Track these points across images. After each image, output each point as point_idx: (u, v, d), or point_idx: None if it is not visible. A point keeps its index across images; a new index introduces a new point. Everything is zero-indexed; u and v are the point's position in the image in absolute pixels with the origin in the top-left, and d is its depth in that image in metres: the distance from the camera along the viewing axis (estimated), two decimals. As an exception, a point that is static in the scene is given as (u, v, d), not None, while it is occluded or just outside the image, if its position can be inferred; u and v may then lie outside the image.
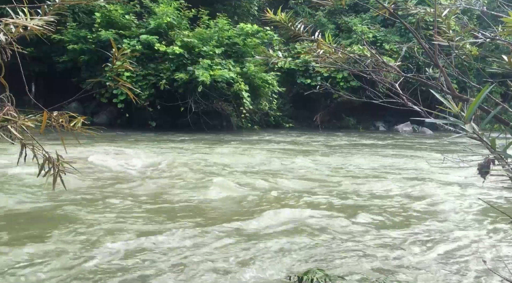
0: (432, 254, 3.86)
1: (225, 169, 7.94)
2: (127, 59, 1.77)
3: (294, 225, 4.54)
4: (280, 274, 3.30)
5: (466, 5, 2.21)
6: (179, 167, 7.77)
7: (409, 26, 2.13)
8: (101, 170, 7.24)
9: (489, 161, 1.73)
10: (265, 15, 2.33)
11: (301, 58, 17.80)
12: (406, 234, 4.40)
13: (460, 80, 2.76)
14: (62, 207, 4.85)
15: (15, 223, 4.33)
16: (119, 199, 5.32)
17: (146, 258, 3.48)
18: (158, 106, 15.63)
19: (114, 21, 15.99)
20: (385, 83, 2.48)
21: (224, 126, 17.30)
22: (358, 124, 22.10)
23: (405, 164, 9.35)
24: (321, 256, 3.71)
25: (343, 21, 22.88)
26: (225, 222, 4.54)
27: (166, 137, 13.61)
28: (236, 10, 20.97)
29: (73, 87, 15.49)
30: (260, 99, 17.61)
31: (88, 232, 4.05)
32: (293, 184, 6.76)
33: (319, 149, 12.29)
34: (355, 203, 5.68)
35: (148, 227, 4.32)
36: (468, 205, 5.72)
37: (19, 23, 1.50)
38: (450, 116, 1.31)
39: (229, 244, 3.87)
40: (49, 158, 1.68)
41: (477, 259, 3.70)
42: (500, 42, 1.91)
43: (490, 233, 4.54)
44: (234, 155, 9.99)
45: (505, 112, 1.91)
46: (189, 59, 15.55)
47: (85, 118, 1.70)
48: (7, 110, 1.53)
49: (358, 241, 4.13)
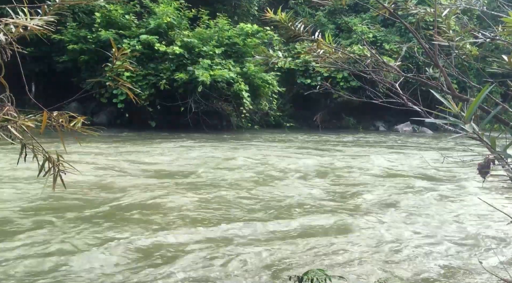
0: (430, 254, 3.86)
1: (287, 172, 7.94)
2: (127, 59, 1.77)
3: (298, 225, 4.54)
4: (280, 273, 3.30)
5: (466, 5, 2.21)
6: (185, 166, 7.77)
7: (409, 26, 2.13)
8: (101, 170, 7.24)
9: (489, 161, 1.73)
10: (265, 15, 2.33)
11: (301, 58, 17.74)
12: (402, 234, 4.40)
13: (460, 80, 2.76)
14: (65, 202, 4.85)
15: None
16: (105, 204, 5.32)
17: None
18: (158, 106, 15.61)
19: (114, 21, 15.98)
20: (385, 83, 2.48)
21: (224, 126, 17.29)
22: (358, 124, 22.08)
23: (404, 163, 9.36)
24: (321, 256, 3.71)
25: (343, 21, 22.87)
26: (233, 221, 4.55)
27: (166, 137, 13.60)
28: (236, 10, 20.96)
29: (73, 87, 15.48)
30: (260, 99, 17.61)
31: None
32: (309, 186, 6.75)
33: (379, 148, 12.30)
34: (354, 203, 5.69)
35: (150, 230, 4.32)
36: (467, 204, 5.72)
37: (19, 23, 1.50)
38: (450, 116, 1.31)
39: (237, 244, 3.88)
40: (49, 158, 1.68)
41: (474, 259, 3.70)
42: (500, 42, 1.91)
43: (489, 233, 4.54)
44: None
45: (505, 112, 1.91)
46: (189, 59, 15.54)
47: (85, 118, 1.70)
48: (7, 110, 1.53)
49: (359, 241, 4.13)
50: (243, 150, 11.07)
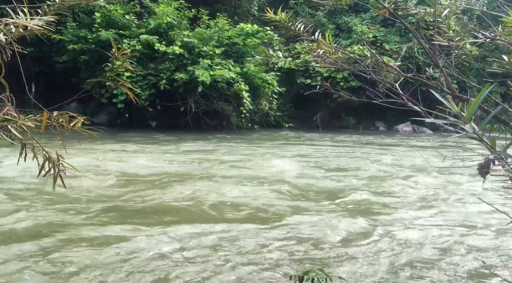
0: (430, 254, 3.86)
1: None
2: (127, 59, 1.77)
3: (299, 225, 4.55)
4: (281, 273, 3.30)
5: (466, 5, 2.20)
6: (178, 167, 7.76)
7: (409, 26, 2.13)
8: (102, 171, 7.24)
9: (489, 161, 1.73)
10: (265, 15, 2.33)
11: (301, 58, 17.75)
12: (402, 234, 4.40)
13: (460, 80, 2.76)
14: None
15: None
16: (100, 201, 5.33)
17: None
18: (158, 106, 15.62)
19: (114, 21, 15.99)
20: (385, 83, 2.48)
21: (224, 126, 17.29)
22: (358, 124, 22.10)
23: (404, 162, 9.36)
24: (322, 255, 3.71)
25: (343, 21, 22.88)
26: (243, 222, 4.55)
27: (166, 137, 13.60)
28: (236, 10, 20.97)
29: (73, 87, 15.48)
30: (260, 99, 17.62)
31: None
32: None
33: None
34: (354, 203, 5.69)
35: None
36: (467, 204, 5.72)
37: (19, 23, 1.50)
38: (450, 116, 1.31)
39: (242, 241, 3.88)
40: (49, 158, 1.67)
41: (476, 259, 3.70)
42: (500, 42, 1.91)
43: (489, 234, 4.54)
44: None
45: (505, 112, 1.91)
46: (189, 59, 15.55)
47: (85, 118, 1.69)
48: (7, 110, 1.53)
49: (359, 241, 4.13)
50: (244, 149, 11.07)
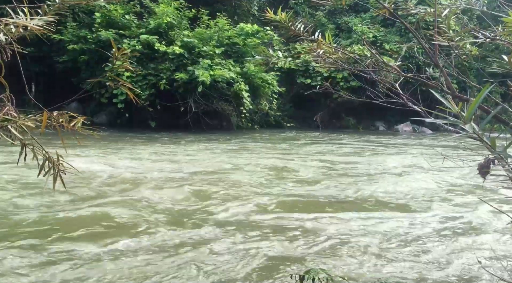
0: (430, 254, 3.86)
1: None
2: (127, 59, 1.77)
3: (299, 224, 4.55)
4: (281, 272, 3.30)
5: (466, 5, 2.21)
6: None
7: (409, 26, 2.13)
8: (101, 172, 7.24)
9: (489, 161, 1.73)
10: (265, 15, 2.32)
11: (301, 58, 17.75)
12: (402, 234, 4.40)
13: (460, 80, 2.76)
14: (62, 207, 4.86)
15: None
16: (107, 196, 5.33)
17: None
18: (158, 106, 15.62)
19: (114, 21, 15.99)
20: (385, 83, 2.48)
21: (224, 126, 17.29)
22: (358, 124, 22.10)
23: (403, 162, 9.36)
24: (322, 255, 3.71)
25: (343, 21, 22.88)
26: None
27: (166, 137, 13.60)
28: (236, 10, 20.97)
29: (73, 87, 15.48)
30: (260, 99, 17.62)
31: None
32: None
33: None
34: (354, 201, 5.69)
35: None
36: (466, 204, 5.72)
37: (19, 23, 1.50)
38: (450, 116, 1.31)
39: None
40: (49, 158, 1.67)
41: (473, 259, 3.70)
42: (500, 42, 1.91)
43: (488, 233, 4.54)
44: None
45: (505, 112, 1.91)
46: (189, 59, 15.55)
47: (85, 118, 1.69)
48: (7, 110, 1.53)
49: (359, 241, 4.13)
50: (244, 150, 11.07)
